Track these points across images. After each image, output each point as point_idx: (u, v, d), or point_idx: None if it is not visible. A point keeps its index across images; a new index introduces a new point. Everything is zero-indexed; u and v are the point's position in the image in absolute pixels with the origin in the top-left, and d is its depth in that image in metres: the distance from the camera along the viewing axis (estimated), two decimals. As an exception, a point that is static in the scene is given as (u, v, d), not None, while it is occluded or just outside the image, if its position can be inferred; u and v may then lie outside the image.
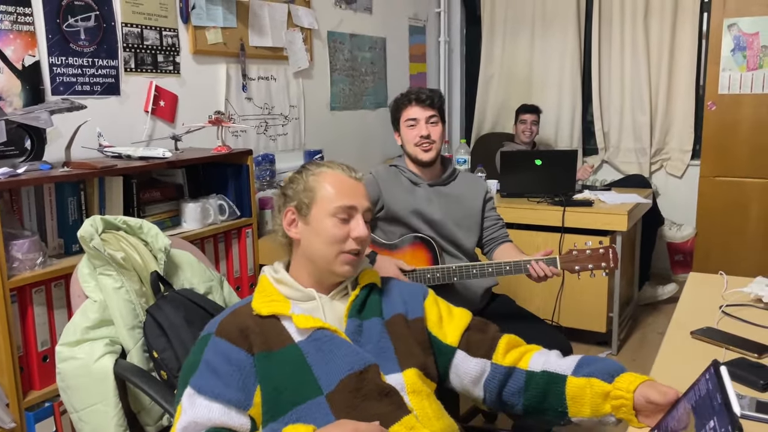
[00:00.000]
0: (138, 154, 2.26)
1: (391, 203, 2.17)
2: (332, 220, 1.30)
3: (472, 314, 1.43)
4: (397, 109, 2.22)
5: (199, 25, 2.87)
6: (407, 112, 2.18)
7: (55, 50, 2.30)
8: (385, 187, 2.18)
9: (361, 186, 1.36)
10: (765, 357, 1.44)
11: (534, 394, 1.28)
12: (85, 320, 1.60)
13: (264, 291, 1.33)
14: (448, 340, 1.35)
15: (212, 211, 2.50)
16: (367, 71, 4.20)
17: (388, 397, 1.20)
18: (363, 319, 1.31)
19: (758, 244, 3.81)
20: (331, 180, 1.33)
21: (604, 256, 1.97)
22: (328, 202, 1.30)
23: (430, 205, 2.18)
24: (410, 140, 2.18)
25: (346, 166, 1.37)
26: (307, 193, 1.32)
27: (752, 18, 3.66)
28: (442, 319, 1.39)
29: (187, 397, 1.18)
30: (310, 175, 1.34)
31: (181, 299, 1.68)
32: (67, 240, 2.06)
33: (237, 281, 2.66)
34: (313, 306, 1.32)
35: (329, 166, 1.36)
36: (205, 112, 2.83)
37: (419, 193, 2.20)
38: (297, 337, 1.24)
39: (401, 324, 1.33)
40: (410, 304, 1.38)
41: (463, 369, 1.34)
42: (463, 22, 5.25)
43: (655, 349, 3.30)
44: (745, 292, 1.81)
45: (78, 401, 1.59)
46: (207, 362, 1.20)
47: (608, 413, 1.21)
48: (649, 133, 4.51)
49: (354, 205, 1.32)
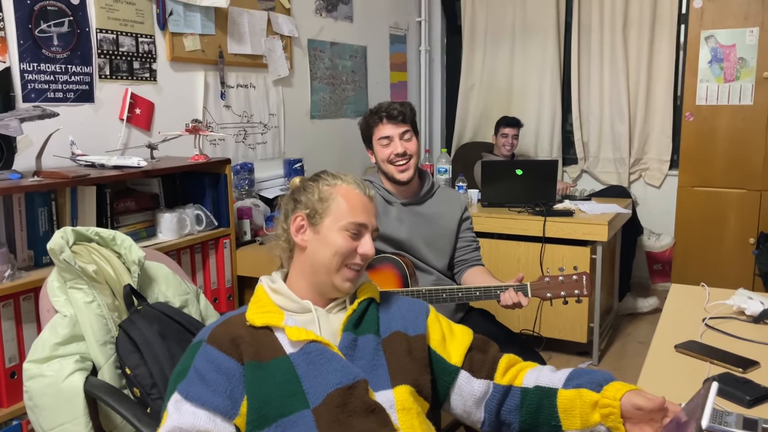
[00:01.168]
0: (112, 163, 2.21)
1: None
2: (343, 233, 1.30)
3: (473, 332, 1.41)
4: (367, 127, 2.15)
5: (177, 32, 2.83)
6: (379, 131, 2.12)
7: (27, 56, 2.23)
8: None
9: (372, 205, 1.37)
10: (750, 371, 1.43)
11: (529, 411, 1.28)
12: (55, 336, 1.54)
13: (259, 301, 1.31)
14: (452, 360, 1.33)
15: (189, 221, 2.44)
16: (348, 80, 4.18)
17: (374, 414, 1.18)
18: (358, 335, 1.29)
19: (735, 254, 3.84)
20: (346, 194, 1.33)
21: (577, 283, 1.89)
22: (342, 216, 1.30)
23: (399, 226, 2.13)
24: (384, 158, 2.12)
25: (360, 182, 1.37)
26: (321, 202, 1.32)
27: (729, 30, 3.71)
28: (445, 338, 1.37)
29: (173, 404, 1.18)
30: (325, 185, 1.34)
31: (156, 313, 1.63)
32: (36, 252, 2.00)
33: (214, 293, 2.60)
34: (309, 318, 1.30)
35: (344, 179, 1.36)
36: (183, 121, 2.78)
37: (390, 213, 2.15)
38: (289, 349, 1.23)
39: (400, 341, 1.31)
40: (410, 320, 1.36)
41: (468, 390, 1.32)
42: (443, 32, 5.26)
43: (636, 358, 3.34)
44: (727, 305, 1.81)
45: (46, 421, 1.53)
46: (196, 369, 1.19)
47: (598, 423, 1.20)
48: (628, 143, 4.54)
49: (365, 224, 1.32)
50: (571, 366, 3.27)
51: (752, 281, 3.77)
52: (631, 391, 1.17)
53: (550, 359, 3.32)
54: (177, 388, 1.19)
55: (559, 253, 3.22)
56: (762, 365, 1.46)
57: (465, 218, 2.26)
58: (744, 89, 3.71)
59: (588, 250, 3.18)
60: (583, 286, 1.90)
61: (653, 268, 4.46)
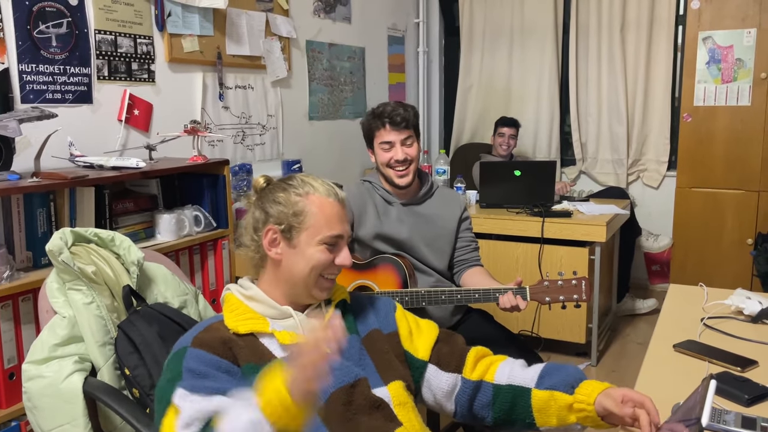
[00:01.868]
0: (111, 164, 2.21)
1: (358, 227, 2.13)
2: (320, 247, 1.27)
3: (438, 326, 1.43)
4: (369, 129, 2.15)
5: (175, 33, 2.83)
6: (381, 135, 2.12)
7: (26, 57, 2.23)
8: (356, 210, 2.13)
9: (344, 210, 1.33)
10: (748, 370, 1.43)
11: (502, 408, 1.29)
12: (53, 337, 1.54)
13: (236, 309, 1.28)
14: (419, 355, 1.35)
15: (187, 222, 2.44)
16: (346, 81, 4.18)
17: (379, 410, 1.19)
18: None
19: (733, 254, 3.85)
20: (320, 206, 1.28)
21: (576, 288, 1.89)
22: (318, 230, 1.27)
23: (399, 226, 2.14)
24: (385, 162, 2.13)
25: (330, 186, 1.32)
26: (296, 217, 1.26)
27: (727, 31, 3.71)
28: (411, 333, 1.38)
29: (179, 398, 1.10)
30: (297, 195, 1.28)
31: (155, 314, 1.63)
32: (35, 253, 1.99)
33: (213, 294, 2.60)
34: (292, 324, 1.28)
35: (314, 185, 1.30)
36: (181, 122, 2.78)
37: (391, 213, 2.16)
38: (279, 354, 1.21)
39: (379, 339, 1.32)
40: (382, 318, 1.37)
41: (435, 383, 1.34)
42: (441, 33, 5.27)
43: (634, 359, 3.34)
44: (725, 304, 1.81)
45: (45, 422, 1.52)
46: (191, 369, 1.13)
47: (575, 422, 1.23)
48: (626, 144, 4.55)
49: (342, 234, 1.30)
50: (569, 367, 3.28)
51: (750, 282, 3.77)
52: (603, 393, 1.18)
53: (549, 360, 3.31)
54: (178, 385, 1.11)
55: (557, 253, 3.23)
56: (760, 364, 1.46)
57: (464, 218, 2.26)
58: (741, 90, 3.71)
59: (586, 251, 3.18)
60: (582, 292, 1.89)
61: (651, 269, 4.47)
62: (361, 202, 2.16)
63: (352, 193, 2.15)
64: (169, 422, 1.10)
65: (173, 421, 1.08)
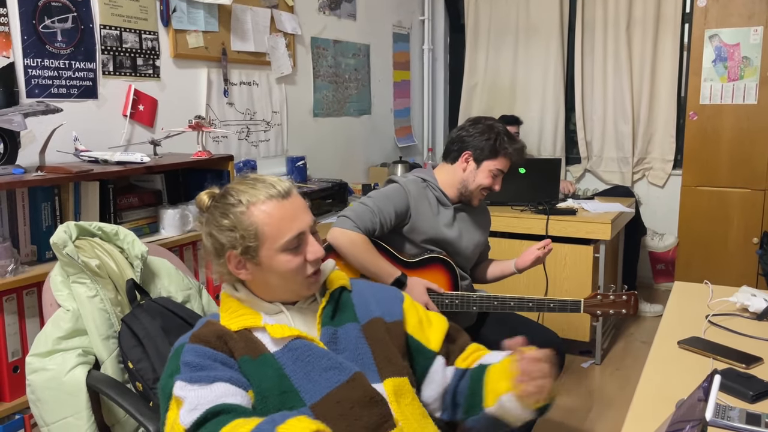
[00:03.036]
0: (115, 159, 2.21)
1: (417, 223, 2.06)
2: (284, 255, 1.20)
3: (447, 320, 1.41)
4: (494, 150, 2.08)
5: (180, 29, 2.83)
6: (501, 163, 2.10)
7: (31, 52, 2.24)
8: (415, 205, 2.06)
9: (296, 200, 1.24)
10: (753, 367, 1.43)
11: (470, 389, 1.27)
12: (57, 330, 1.54)
13: (230, 308, 1.27)
14: (431, 346, 1.32)
15: (191, 217, 2.44)
16: (351, 78, 4.17)
17: (377, 405, 1.17)
18: (337, 326, 1.27)
19: (739, 254, 3.83)
20: (265, 212, 1.19)
21: (626, 303, 1.98)
22: (275, 239, 1.19)
23: (450, 229, 2.11)
24: (484, 185, 2.10)
25: (267, 183, 1.23)
26: (247, 237, 1.19)
27: (733, 29, 3.69)
28: (422, 323, 1.36)
29: (180, 389, 1.11)
30: (239, 213, 1.20)
31: (158, 308, 1.63)
32: (40, 247, 2.00)
33: (216, 289, 2.60)
34: (282, 319, 1.26)
35: (250, 192, 1.21)
36: (185, 117, 2.78)
37: (444, 214, 2.12)
38: (272, 348, 1.21)
39: (380, 328, 1.29)
40: (386, 306, 1.34)
41: (440, 377, 1.31)
42: (447, 30, 5.26)
43: (638, 358, 3.33)
44: (730, 302, 1.80)
45: (49, 414, 1.53)
46: (188, 363, 1.14)
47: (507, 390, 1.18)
48: (632, 142, 4.53)
49: (302, 231, 1.22)
50: (573, 366, 3.27)
51: (756, 281, 3.75)
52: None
53: (553, 358, 3.30)
54: (177, 379, 1.12)
55: (561, 251, 3.22)
56: (765, 361, 1.46)
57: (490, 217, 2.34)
58: (748, 88, 3.70)
59: (591, 249, 3.17)
60: (631, 306, 1.98)
61: (656, 268, 4.45)
62: (419, 198, 2.08)
63: (410, 187, 2.08)
64: (173, 414, 1.10)
65: (177, 412, 1.09)
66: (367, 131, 4.38)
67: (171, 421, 1.10)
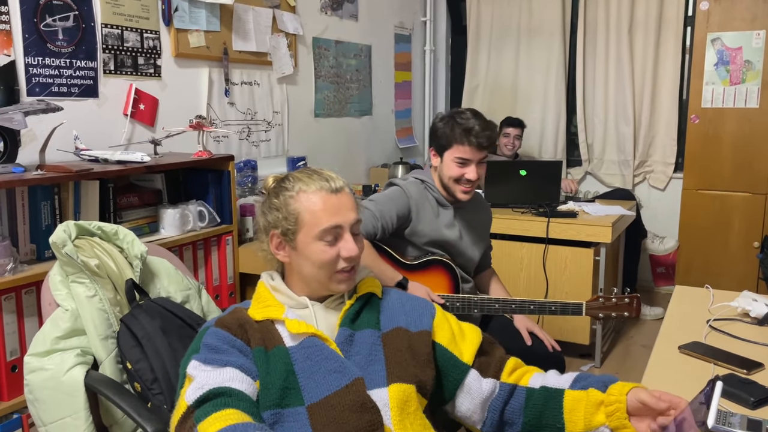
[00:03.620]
0: (115, 158, 2.20)
1: (419, 225, 2.05)
2: (319, 244, 1.25)
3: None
4: (448, 139, 2.02)
5: (182, 28, 2.82)
6: (460, 150, 1.99)
7: (32, 50, 2.23)
8: (415, 207, 2.05)
9: (344, 197, 1.29)
10: (754, 373, 1.42)
11: (533, 411, 1.27)
12: (56, 330, 1.54)
13: (260, 298, 1.32)
14: (464, 358, 1.32)
15: (191, 217, 2.44)
16: (352, 78, 4.17)
17: (368, 412, 1.17)
18: (356, 330, 1.28)
19: (739, 258, 3.83)
20: (309, 202, 1.26)
21: (628, 306, 1.97)
22: (312, 226, 1.25)
23: (451, 231, 2.09)
24: (453, 176, 2.03)
25: (324, 177, 1.30)
26: (289, 219, 1.26)
27: (735, 33, 3.69)
28: (455, 336, 1.35)
29: (193, 368, 1.16)
30: (288, 197, 1.28)
31: (157, 308, 1.62)
32: (39, 246, 1.99)
33: (216, 290, 2.60)
34: (307, 314, 1.29)
35: (305, 180, 1.29)
36: (186, 117, 2.78)
37: (444, 215, 2.10)
38: (289, 342, 1.23)
39: (401, 337, 1.29)
40: (413, 317, 1.34)
41: (476, 389, 1.30)
42: (448, 32, 5.25)
43: (638, 361, 3.32)
44: (731, 306, 1.80)
45: (46, 414, 1.52)
46: (207, 344, 1.19)
47: (602, 424, 1.19)
48: (633, 145, 4.52)
49: (340, 224, 1.26)
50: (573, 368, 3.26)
51: (756, 285, 3.75)
52: (636, 388, 1.17)
53: (552, 361, 3.30)
54: (193, 358, 1.17)
55: (562, 254, 3.21)
56: (767, 367, 1.45)
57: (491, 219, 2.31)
58: (750, 92, 3.69)
59: (591, 252, 3.17)
60: (634, 309, 1.97)
61: (657, 271, 4.45)
62: (420, 200, 2.08)
63: (411, 189, 2.07)
64: (183, 391, 1.15)
65: (186, 389, 1.13)
66: (368, 132, 4.38)
67: (181, 396, 1.15)
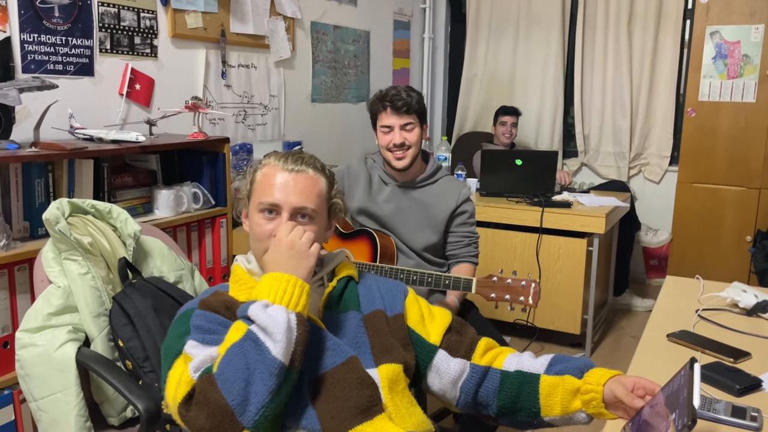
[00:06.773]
0: (110, 137, 2.19)
1: (349, 199, 2.21)
2: (259, 216, 1.26)
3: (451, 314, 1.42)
4: (373, 112, 2.18)
5: (179, 8, 2.80)
6: (382, 118, 2.14)
7: (27, 27, 2.22)
8: (348, 183, 2.23)
9: (300, 180, 1.26)
10: (741, 362, 1.43)
11: (508, 395, 1.27)
12: (48, 306, 1.54)
13: (239, 280, 1.30)
14: (431, 339, 1.34)
15: (186, 198, 2.44)
16: (350, 64, 4.16)
17: (368, 389, 1.19)
18: (339, 312, 1.29)
19: (732, 251, 3.85)
20: (265, 173, 1.28)
21: (524, 290, 1.76)
22: (257, 196, 1.27)
23: (385, 205, 2.20)
24: (384, 145, 2.15)
25: (290, 157, 1.29)
26: (249, 186, 1.31)
27: (734, 26, 3.69)
28: (424, 318, 1.37)
29: (191, 347, 1.13)
30: (256, 168, 1.32)
31: (150, 287, 1.63)
32: (32, 223, 1.99)
33: (209, 272, 2.60)
34: None
35: (276, 156, 1.31)
36: (182, 98, 2.77)
37: (383, 192, 2.21)
38: None
39: (380, 320, 1.31)
40: (389, 300, 1.36)
41: (444, 369, 1.32)
42: (448, 20, 5.23)
43: (628, 352, 3.35)
44: (721, 297, 1.81)
45: (37, 390, 1.53)
46: (199, 327, 1.17)
47: (578, 409, 1.20)
48: (629, 137, 4.53)
49: (276, 203, 1.24)
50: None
51: (747, 278, 3.77)
52: (613, 379, 1.16)
53: (543, 350, 3.33)
54: (188, 340, 1.14)
55: (555, 244, 3.23)
56: (753, 356, 1.47)
57: (460, 212, 2.20)
58: (747, 86, 3.70)
59: (584, 242, 3.18)
60: (529, 294, 1.76)
61: (649, 263, 4.47)
62: (354, 176, 2.26)
63: (352, 166, 2.26)
64: (177, 370, 1.12)
65: (185, 366, 1.11)
66: (365, 118, 4.34)
67: (178, 375, 1.11)
